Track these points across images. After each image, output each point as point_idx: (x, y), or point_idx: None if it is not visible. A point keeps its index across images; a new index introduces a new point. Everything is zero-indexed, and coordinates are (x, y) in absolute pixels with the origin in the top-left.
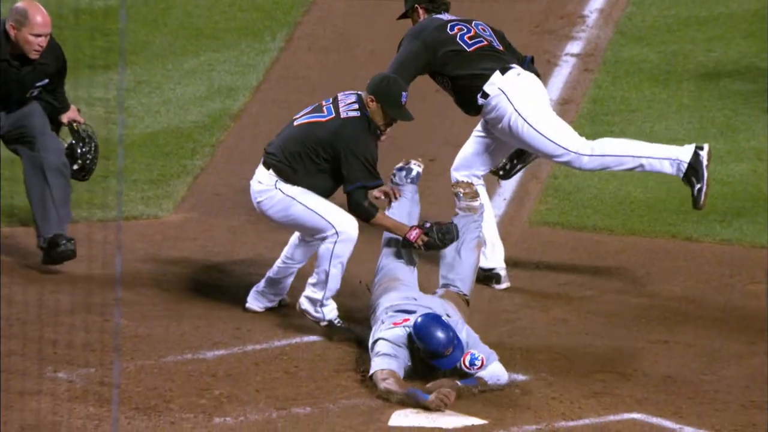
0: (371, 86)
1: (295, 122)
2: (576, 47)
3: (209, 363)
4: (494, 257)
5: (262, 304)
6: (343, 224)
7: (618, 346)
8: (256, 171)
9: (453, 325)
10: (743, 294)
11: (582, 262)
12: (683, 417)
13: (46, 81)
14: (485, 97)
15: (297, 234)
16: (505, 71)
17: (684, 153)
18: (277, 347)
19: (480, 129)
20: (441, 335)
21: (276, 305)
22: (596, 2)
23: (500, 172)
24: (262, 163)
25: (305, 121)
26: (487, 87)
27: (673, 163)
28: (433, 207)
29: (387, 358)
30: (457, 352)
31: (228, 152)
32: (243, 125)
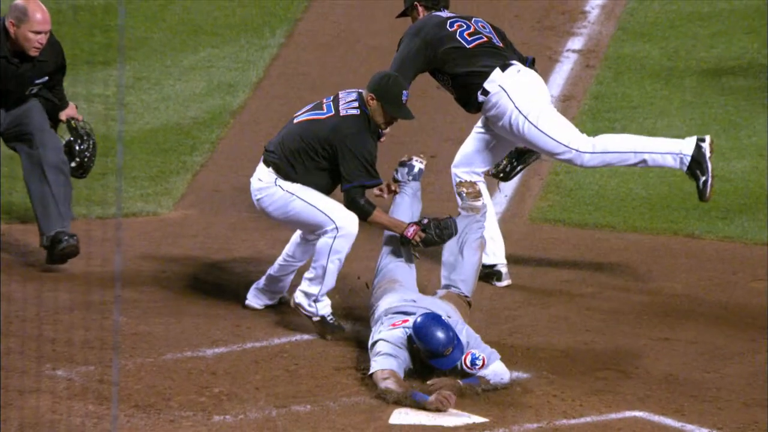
0: (372, 84)
1: (295, 120)
2: (577, 43)
3: (209, 361)
4: (495, 253)
5: (262, 302)
6: (343, 220)
7: (619, 344)
8: (257, 169)
9: (453, 325)
10: (745, 291)
11: (583, 260)
12: (685, 415)
13: (46, 78)
14: (485, 95)
15: (299, 232)
16: (506, 68)
17: (686, 146)
18: (277, 345)
19: (480, 126)
20: (441, 335)
21: (276, 303)
22: None
23: (500, 175)
24: (262, 161)
25: (305, 119)
26: (488, 84)
27: (676, 157)
28: (434, 203)
29: (387, 358)
30: (457, 352)
31: (228, 149)
32: (243, 122)
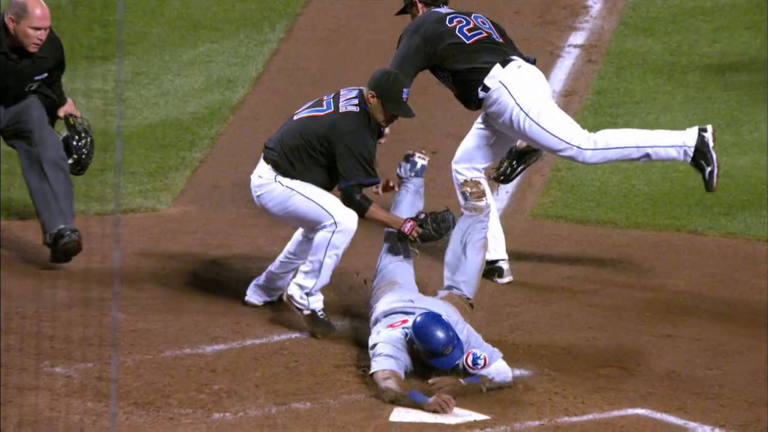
0: (372, 82)
1: (295, 117)
2: (579, 38)
3: (208, 358)
4: (496, 250)
5: (262, 298)
6: (343, 216)
7: (622, 341)
8: (257, 166)
9: (453, 325)
10: (748, 288)
11: (585, 256)
12: (688, 412)
13: (45, 75)
14: (486, 91)
15: (301, 230)
16: (506, 64)
17: (688, 137)
18: (277, 342)
19: (480, 122)
20: (440, 334)
21: (275, 300)
22: None
23: (501, 178)
24: (262, 158)
25: (304, 116)
26: (488, 80)
27: (680, 150)
28: (436, 199)
29: (387, 359)
30: (457, 352)
31: (227, 144)
32: (242, 117)
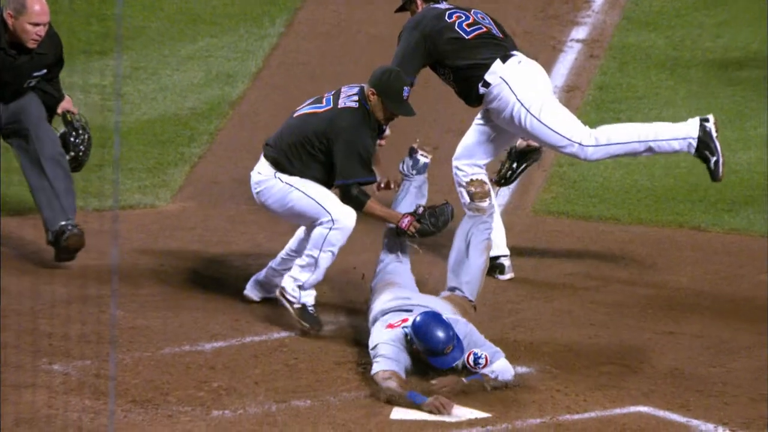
0: (372, 79)
1: (295, 114)
2: (581, 33)
3: (207, 355)
4: (498, 246)
5: (261, 294)
6: (341, 213)
7: (624, 338)
8: (257, 163)
9: (453, 323)
10: (752, 284)
11: (587, 252)
12: (691, 410)
13: (44, 71)
14: (487, 87)
15: (303, 228)
16: (507, 59)
17: (691, 128)
18: (277, 339)
19: (480, 118)
20: (440, 333)
21: (274, 296)
22: None
23: (501, 181)
24: (263, 155)
25: (304, 113)
26: (488, 76)
27: (683, 142)
28: (437, 196)
29: (388, 359)
30: (457, 351)
31: (226, 140)
32: (242, 112)
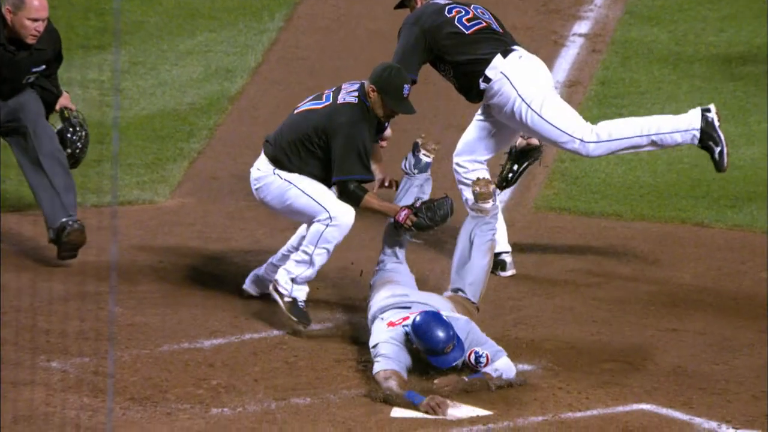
0: (373, 76)
1: (295, 111)
2: (584, 27)
3: (206, 352)
4: (499, 242)
5: (260, 290)
6: (339, 211)
7: (626, 335)
8: (257, 159)
9: (453, 322)
10: (755, 281)
11: (589, 249)
12: (693, 408)
13: (44, 67)
14: (487, 82)
15: (305, 225)
16: (507, 54)
17: (693, 119)
18: (276, 336)
19: (481, 113)
20: (440, 333)
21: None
22: None
23: (503, 183)
24: (263, 152)
25: (304, 109)
26: (489, 71)
27: (686, 134)
28: (438, 193)
29: (389, 359)
30: (457, 351)
31: (225, 135)
32: (241, 108)
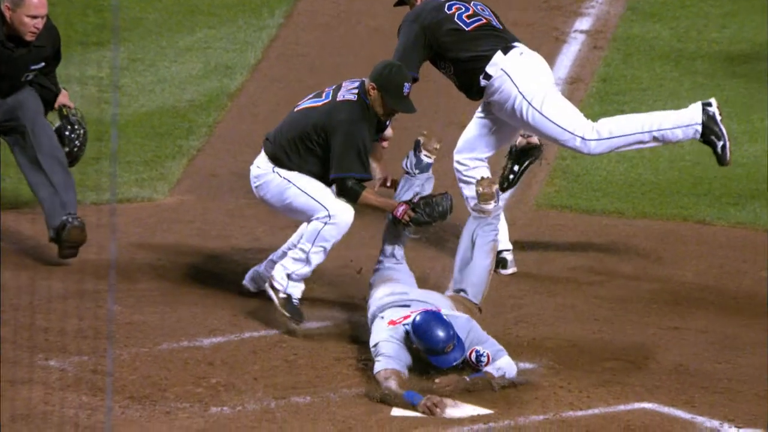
0: (373, 73)
1: (295, 109)
2: (585, 23)
3: (206, 351)
4: (500, 240)
5: (259, 286)
6: (338, 209)
7: (628, 333)
8: (257, 156)
9: (453, 320)
10: (757, 279)
11: (591, 247)
12: (696, 407)
13: (43, 64)
14: (488, 79)
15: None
16: (508, 50)
17: (694, 114)
18: (276, 334)
19: (481, 110)
20: (440, 333)
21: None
22: None
23: (504, 184)
24: (263, 150)
25: (303, 107)
26: (490, 68)
27: (687, 129)
28: (438, 190)
29: (389, 358)
30: (458, 350)
31: (225, 133)
32: (240, 104)
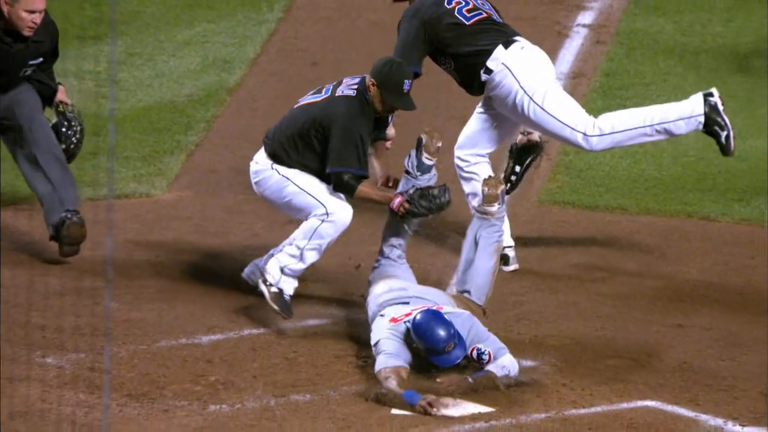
0: (373, 69)
1: (295, 106)
2: (588, 17)
3: (204, 348)
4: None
5: (256, 279)
6: (336, 207)
7: (631, 331)
8: (257, 152)
9: (454, 318)
10: (762, 276)
11: (594, 243)
12: (699, 405)
13: (41, 59)
14: (489, 73)
15: None
16: (509, 45)
17: (696, 105)
18: (275, 332)
19: (481, 106)
20: (441, 332)
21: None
22: None
23: (507, 185)
24: (263, 146)
25: (303, 103)
26: (491, 62)
27: (690, 121)
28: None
29: (390, 356)
30: (459, 349)
31: (224, 128)
32: (239, 99)
